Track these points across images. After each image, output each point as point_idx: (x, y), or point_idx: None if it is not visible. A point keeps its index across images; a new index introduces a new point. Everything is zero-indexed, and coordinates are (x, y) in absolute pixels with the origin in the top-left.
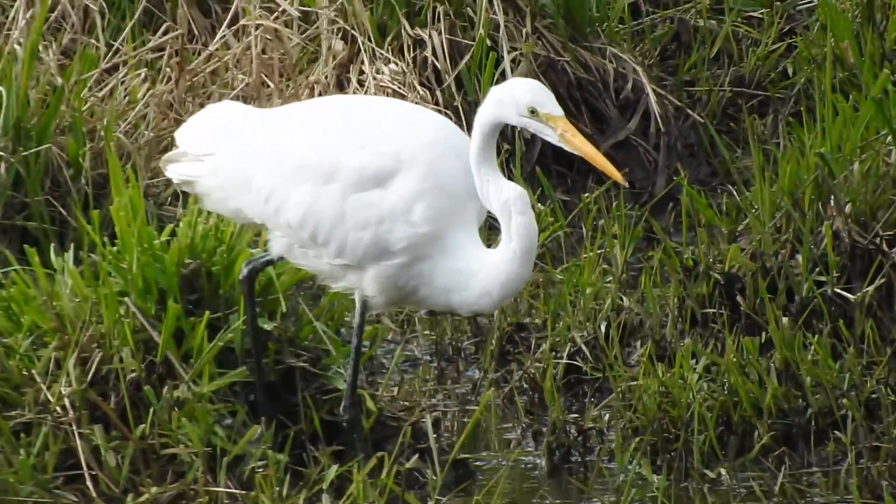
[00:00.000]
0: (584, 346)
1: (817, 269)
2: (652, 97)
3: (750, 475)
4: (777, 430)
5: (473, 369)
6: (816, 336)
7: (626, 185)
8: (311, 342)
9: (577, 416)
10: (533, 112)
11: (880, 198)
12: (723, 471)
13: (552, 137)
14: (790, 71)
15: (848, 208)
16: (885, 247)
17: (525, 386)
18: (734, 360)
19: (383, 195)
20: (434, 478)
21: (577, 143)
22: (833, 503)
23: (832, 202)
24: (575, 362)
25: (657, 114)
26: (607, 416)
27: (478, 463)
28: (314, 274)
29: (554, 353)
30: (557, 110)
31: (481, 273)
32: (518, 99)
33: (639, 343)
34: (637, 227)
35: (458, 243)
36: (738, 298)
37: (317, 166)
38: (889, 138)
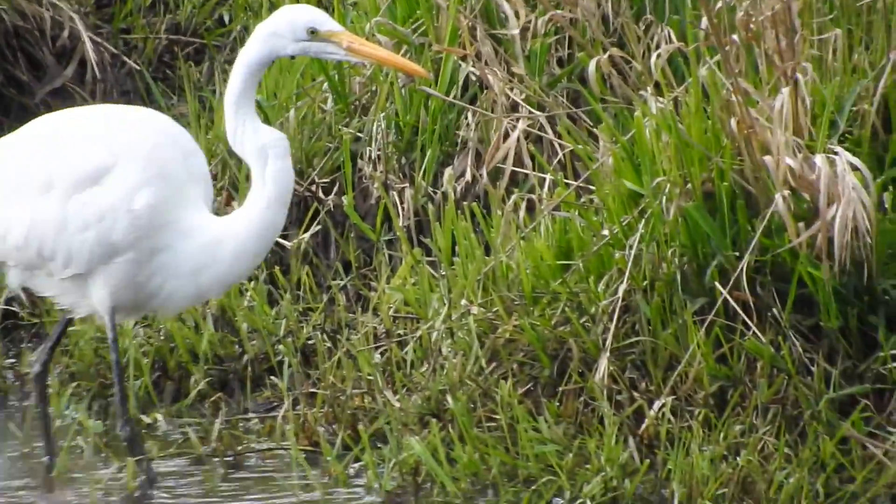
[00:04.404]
0: (21, 293)
1: None
2: (88, 45)
3: (186, 420)
4: (213, 376)
5: None
6: (253, 282)
7: (432, 78)
8: None
9: (14, 361)
10: (313, 33)
11: (316, 145)
12: (159, 416)
13: (338, 54)
14: (227, 19)
15: None
16: (321, 194)
17: None
18: None
19: (100, 192)
20: None
21: (367, 51)
22: (271, 449)
23: None
24: (12, 308)
25: (94, 61)
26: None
27: None
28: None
29: None
30: (338, 25)
31: (230, 234)
32: (295, 23)
33: None
34: None
35: (193, 223)
36: None
37: (33, 180)
38: (325, 85)
